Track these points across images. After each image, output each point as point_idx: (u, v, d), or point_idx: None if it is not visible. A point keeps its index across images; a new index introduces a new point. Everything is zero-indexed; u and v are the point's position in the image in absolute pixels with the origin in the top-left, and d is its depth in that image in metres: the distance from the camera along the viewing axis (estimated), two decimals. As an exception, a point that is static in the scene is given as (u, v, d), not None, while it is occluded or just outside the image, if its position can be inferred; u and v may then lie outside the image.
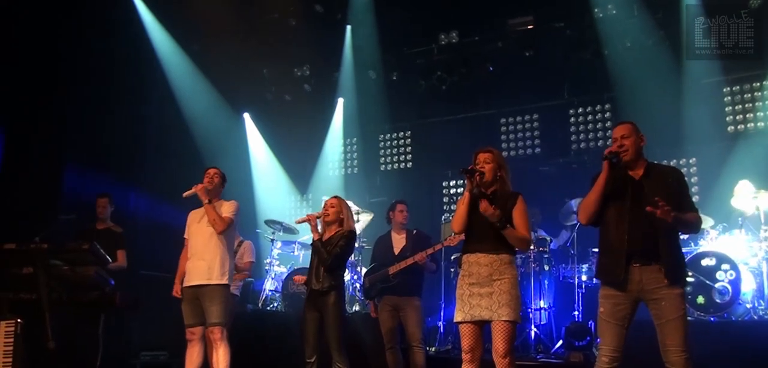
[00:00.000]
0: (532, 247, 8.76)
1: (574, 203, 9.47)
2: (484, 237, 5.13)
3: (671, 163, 9.62)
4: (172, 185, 7.85)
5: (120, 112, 10.70)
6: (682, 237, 5.17)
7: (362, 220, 10.22)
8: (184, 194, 6.55)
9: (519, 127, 11.97)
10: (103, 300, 6.85)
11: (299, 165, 13.45)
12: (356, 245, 9.37)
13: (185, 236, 6.78)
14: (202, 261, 6.46)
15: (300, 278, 6.62)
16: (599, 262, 4.94)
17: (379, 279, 7.50)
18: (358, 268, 9.84)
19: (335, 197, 6.58)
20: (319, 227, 6.45)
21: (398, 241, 7.71)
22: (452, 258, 9.15)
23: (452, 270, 9.20)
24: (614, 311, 4.74)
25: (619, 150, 4.81)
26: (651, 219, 4.58)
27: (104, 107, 10.37)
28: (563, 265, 9.37)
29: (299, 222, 6.56)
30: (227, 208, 6.62)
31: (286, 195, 13.91)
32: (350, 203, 7.26)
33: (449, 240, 7.16)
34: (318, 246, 6.25)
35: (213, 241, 6.49)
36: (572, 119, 11.49)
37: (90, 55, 10.15)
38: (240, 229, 8.06)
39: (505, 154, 11.40)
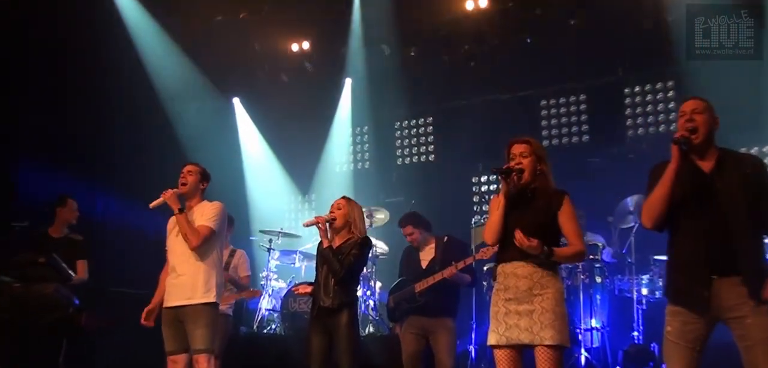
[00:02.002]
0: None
1: (631, 201, 9.40)
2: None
3: (750, 152, 9.52)
4: (148, 185, 7.83)
5: (83, 98, 10.73)
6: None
7: (377, 221, 10.22)
8: (151, 205, 6.53)
9: (563, 110, 11.93)
10: (65, 323, 6.84)
11: (300, 159, 13.49)
12: (370, 254, 9.35)
13: (166, 247, 6.76)
14: (183, 276, 6.44)
15: (304, 288, 6.57)
16: (672, 280, 4.80)
17: (405, 298, 7.48)
18: (372, 282, 9.83)
19: (343, 198, 6.56)
20: (330, 233, 6.44)
21: (426, 253, 7.67)
22: (485, 268, 9.10)
23: (485, 283, 9.16)
24: (684, 331, 4.62)
25: (688, 128, 4.69)
26: (727, 220, 4.50)
27: (64, 93, 10.40)
28: (618, 277, 9.31)
29: (307, 226, 6.53)
30: (208, 213, 6.54)
31: (285, 196, 13.94)
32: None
33: (483, 253, 7.13)
34: (328, 255, 6.22)
35: (195, 253, 6.47)
36: (627, 100, 11.46)
37: (45, 30, 10.16)
38: (231, 238, 8.06)
39: (545, 143, 11.38)
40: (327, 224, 6.36)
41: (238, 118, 13.62)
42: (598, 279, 9.07)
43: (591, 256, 9.06)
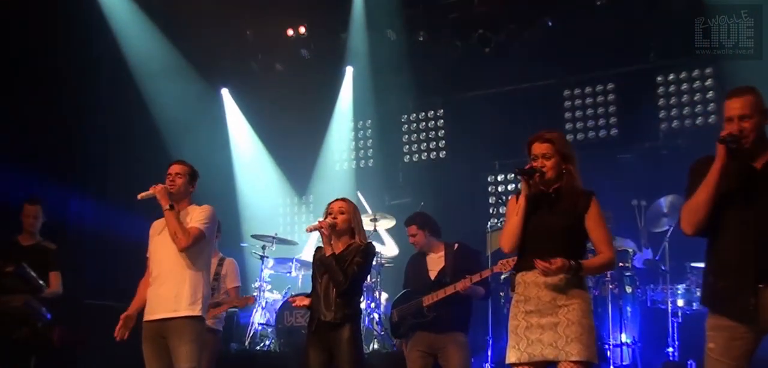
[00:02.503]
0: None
1: (665, 202, 9.37)
2: (545, 248, 5.02)
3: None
4: (128, 187, 7.83)
5: (55, 91, 10.72)
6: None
7: (381, 228, 10.19)
8: (140, 196, 6.53)
9: (588, 101, 11.91)
10: (36, 338, 6.83)
11: (296, 157, 13.51)
12: (374, 262, 9.34)
13: (147, 254, 6.74)
14: (167, 286, 6.42)
15: (302, 300, 6.53)
16: (712, 286, 4.74)
17: (411, 312, 7.45)
18: (376, 293, 9.81)
19: (344, 200, 6.53)
20: (321, 241, 6.41)
21: (434, 261, 7.63)
22: (502, 278, 9.07)
23: (502, 294, 9.13)
24: (730, 347, 4.58)
25: (738, 134, 4.62)
26: None
27: (33, 85, 10.38)
28: (651, 286, 9.28)
29: (310, 230, 6.48)
30: (198, 216, 6.55)
31: (279, 198, 13.95)
32: (365, 203, 7.21)
33: (502, 265, 7.13)
34: (331, 264, 6.19)
35: (181, 260, 6.46)
36: (660, 89, 11.43)
37: (9, 11, 10.14)
38: (219, 244, 8.03)
39: (570, 137, 11.34)
40: (330, 229, 6.31)
41: (227, 111, 13.63)
42: (629, 289, 9.06)
43: (621, 264, 9.03)
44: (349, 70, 13.09)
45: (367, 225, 9.77)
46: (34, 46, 10.47)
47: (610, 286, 8.82)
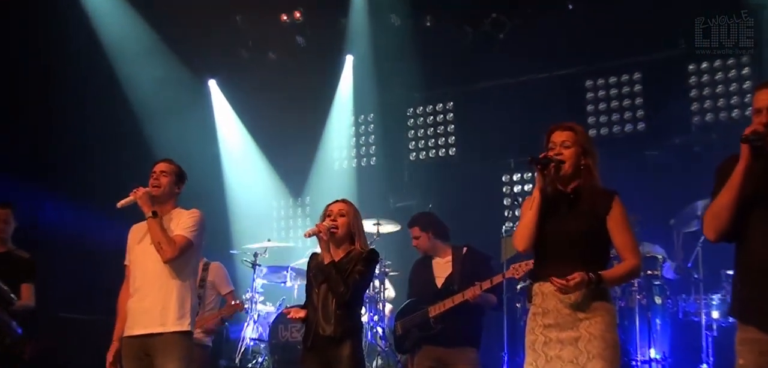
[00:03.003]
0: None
1: (701, 205, 9.37)
2: (563, 254, 5.04)
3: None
4: (106, 188, 7.85)
5: (24, 83, 10.73)
6: None
7: (384, 234, 10.20)
8: (119, 204, 6.50)
9: (613, 92, 11.89)
10: (5, 355, 6.84)
11: (291, 155, 13.54)
12: (377, 270, 9.37)
13: (126, 262, 6.76)
14: (152, 298, 6.41)
15: (297, 312, 6.52)
16: (739, 295, 4.78)
17: (416, 324, 7.47)
18: (379, 304, 9.82)
19: (344, 201, 6.50)
20: (318, 248, 6.38)
21: (441, 267, 7.66)
22: (519, 287, 9.11)
23: (518, 305, 9.15)
24: (761, 364, 4.60)
25: (764, 131, 4.59)
26: None
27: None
28: (683, 296, 9.27)
29: (309, 236, 6.44)
30: (185, 222, 6.51)
31: (273, 200, 13.97)
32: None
33: (514, 270, 7.15)
34: (331, 272, 6.14)
35: (166, 269, 6.45)
36: (692, 79, 11.41)
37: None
38: (206, 250, 8.04)
39: (592, 132, 11.34)
40: (329, 234, 6.25)
41: (214, 105, 13.67)
42: (658, 300, 9.05)
43: (649, 272, 9.02)
44: (349, 59, 13.10)
45: (369, 228, 9.80)
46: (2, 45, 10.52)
47: (638, 296, 8.82)
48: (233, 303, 8.86)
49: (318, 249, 6.35)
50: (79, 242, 10.93)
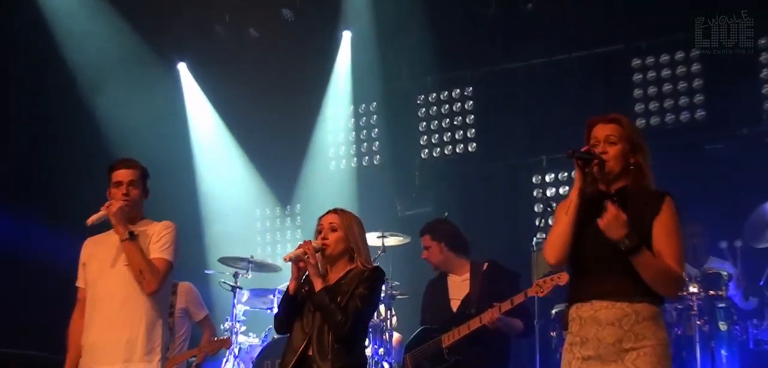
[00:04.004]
0: (693, 290, 8.70)
1: (773, 210, 9.35)
2: (606, 271, 5.06)
3: None
4: (53, 195, 7.86)
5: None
6: None
7: (391, 248, 10.18)
8: (89, 220, 6.45)
9: (665, 73, 11.87)
10: None
11: (277, 153, 13.57)
12: (382, 293, 9.36)
13: (78, 284, 6.75)
14: (115, 330, 6.38)
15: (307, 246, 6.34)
16: None
17: (428, 357, 7.52)
18: (385, 334, 9.80)
19: (335, 211, 6.43)
20: (320, 266, 6.31)
21: (458, 287, 7.72)
22: (553, 312, 9.14)
23: (553, 334, 9.18)
24: None
25: None
26: None
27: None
28: (754, 322, 9.21)
29: (290, 260, 6.31)
30: (161, 240, 6.46)
31: (256, 208, 13.97)
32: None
33: (538, 288, 7.13)
34: (323, 300, 6.04)
35: (133, 294, 6.42)
36: (763, 57, 11.39)
37: None
38: (176, 273, 8.06)
39: (640, 123, 11.34)
40: (317, 255, 6.09)
41: (185, 93, 13.73)
42: (723, 326, 9.00)
43: (711, 292, 8.96)
44: (346, 36, 13.15)
45: (373, 242, 9.76)
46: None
47: (698, 322, 8.75)
48: (216, 338, 8.84)
49: None
50: (18, 260, 10.89)
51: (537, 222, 11.68)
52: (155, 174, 6.91)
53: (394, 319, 10.21)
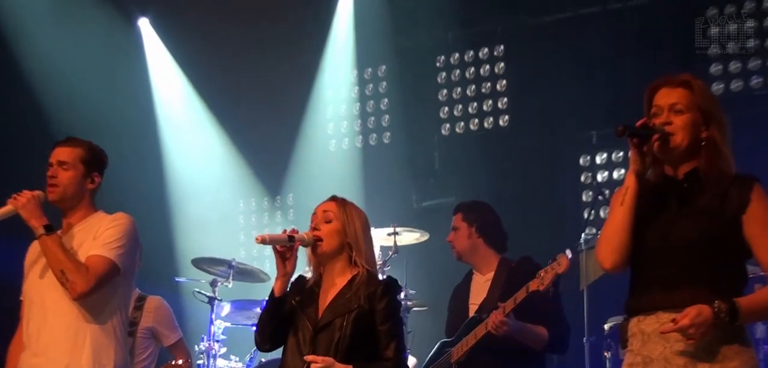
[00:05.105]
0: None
1: None
2: (673, 274, 4.99)
3: None
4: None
5: None
6: None
7: (405, 247, 10.16)
8: None
9: (750, 25, 11.70)
10: None
11: (264, 131, 13.61)
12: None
13: (22, 297, 6.73)
14: (54, 351, 6.40)
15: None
16: None
17: (440, 372, 7.57)
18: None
19: (334, 199, 6.39)
20: (309, 268, 6.30)
21: (479, 289, 7.79)
22: (606, 327, 9.13)
23: (607, 354, 9.18)
24: None
25: None
26: None
27: None
28: None
29: (263, 241, 6.18)
30: (105, 236, 6.46)
31: (239, 198, 14.00)
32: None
33: (539, 280, 7.12)
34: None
35: (76, 309, 6.41)
36: None
37: None
38: (139, 278, 8.04)
39: (717, 88, 11.30)
40: (311, 248, 6.04)
41: (148, 56, 13.75)
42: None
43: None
44: (347, -15, 13.16)
45: (382, 240, 9.72)
46: None
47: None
48: (180, 361, 8.83)
49: (307, 271, 6.21)
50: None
51: (586, 215, 11.55)
52: (112, 158, 6.84)
53: (410, 337, 10.15)
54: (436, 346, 7.86)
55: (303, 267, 6.22)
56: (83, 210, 6.56)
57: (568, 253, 7.05)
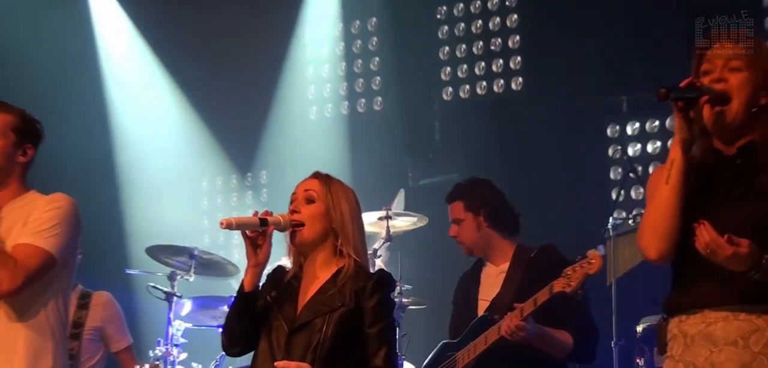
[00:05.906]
0: None
1: None
2: (725, 267, 4.97)
3: None
4: None
5: None
6: None
7: (400, 234, 10.12)
8: None
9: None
10: None
11: (231, 94, 13.66)
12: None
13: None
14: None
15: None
16: None
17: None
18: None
19: (317, 175, 6.36)
20: (287, 259, 6.29)
21: (491, 282, 7.77)
22: (639, 329, 9.10)
23: (640, 361, 9.13)
24: None
25: None
26: None
27: None
28: None
29: (228, 226, 6.12)
30: (38, 221, 6.42)
31: (201, 175, 14.02)
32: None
33: (566, 281, 7.05)
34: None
35: (5, 307, 6.39)
36: None
37: None
38: (82, 271, 7.97)
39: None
40: (289, 234, 5.97)
41: (94, 14, 13.73)
42: None
43: None
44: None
45: (373, 226, 9.68)
46: None
47: None
48: None
49: (285, 261, 6.17)
50: None
51: (614, 196, 11.69)
52: (47, 125, 6.72)
53: (404, 341, 10.11)
54: (438, 347, 7.84)
55: (280, 257, 6.16)
56: (13, 189, 6.45)
57: (601, 249, 7.00)
